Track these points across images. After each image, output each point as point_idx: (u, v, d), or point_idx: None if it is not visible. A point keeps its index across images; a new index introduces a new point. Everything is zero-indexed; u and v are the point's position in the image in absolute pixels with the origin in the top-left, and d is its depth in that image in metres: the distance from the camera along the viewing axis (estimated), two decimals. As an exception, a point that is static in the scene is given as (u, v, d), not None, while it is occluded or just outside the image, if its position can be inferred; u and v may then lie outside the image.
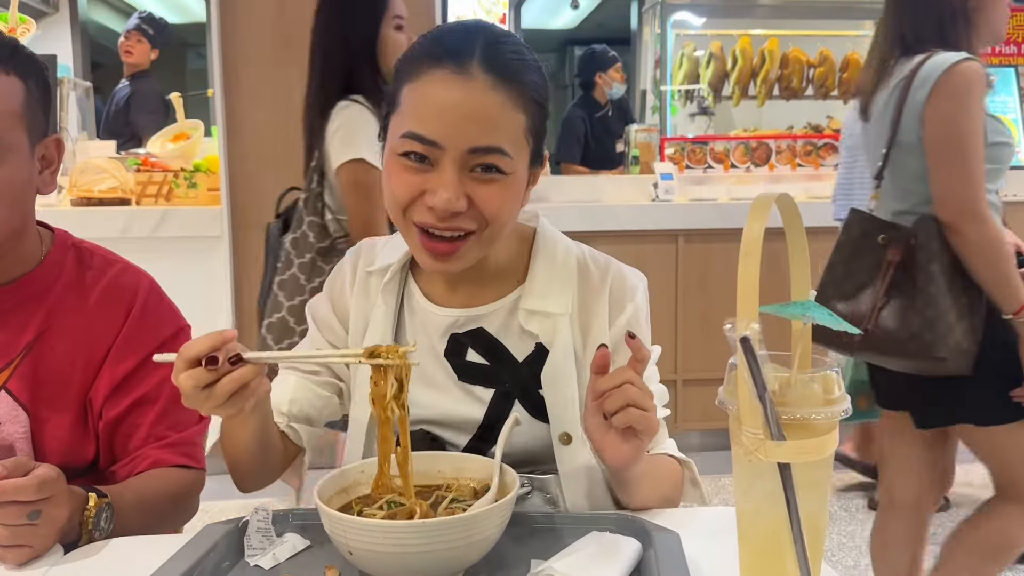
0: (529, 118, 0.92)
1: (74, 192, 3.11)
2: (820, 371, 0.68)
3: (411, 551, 0.74)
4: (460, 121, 0.88)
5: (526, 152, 0.94)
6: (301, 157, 2.28)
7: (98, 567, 0.87)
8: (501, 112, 0.89)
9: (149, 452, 1.11)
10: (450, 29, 0.94)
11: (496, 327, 1.02)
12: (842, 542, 2.71)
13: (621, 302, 1.03)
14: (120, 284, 1.14)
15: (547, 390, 0.99)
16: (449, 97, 0.88)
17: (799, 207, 0.70)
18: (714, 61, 4.22)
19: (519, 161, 0.92)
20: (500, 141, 0.89)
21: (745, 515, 0.71)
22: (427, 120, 0.88)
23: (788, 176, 3.86)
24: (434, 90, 0.88)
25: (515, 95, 0.90)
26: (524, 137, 0.92)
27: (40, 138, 1.07)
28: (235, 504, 2.85)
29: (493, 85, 0.88)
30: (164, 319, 1.15)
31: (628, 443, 0.85)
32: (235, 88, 3.16)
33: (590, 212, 3.39)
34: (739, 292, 0.65)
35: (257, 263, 3.19)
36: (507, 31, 0.97)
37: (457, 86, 0.87)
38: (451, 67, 0.88)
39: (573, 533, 0.85)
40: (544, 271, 1.02)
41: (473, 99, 0.87)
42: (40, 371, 1.08)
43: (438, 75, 0.88)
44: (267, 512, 0.90)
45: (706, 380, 3.37)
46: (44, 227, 1.15)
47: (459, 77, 0.87)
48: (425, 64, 0.89)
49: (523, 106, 0.91)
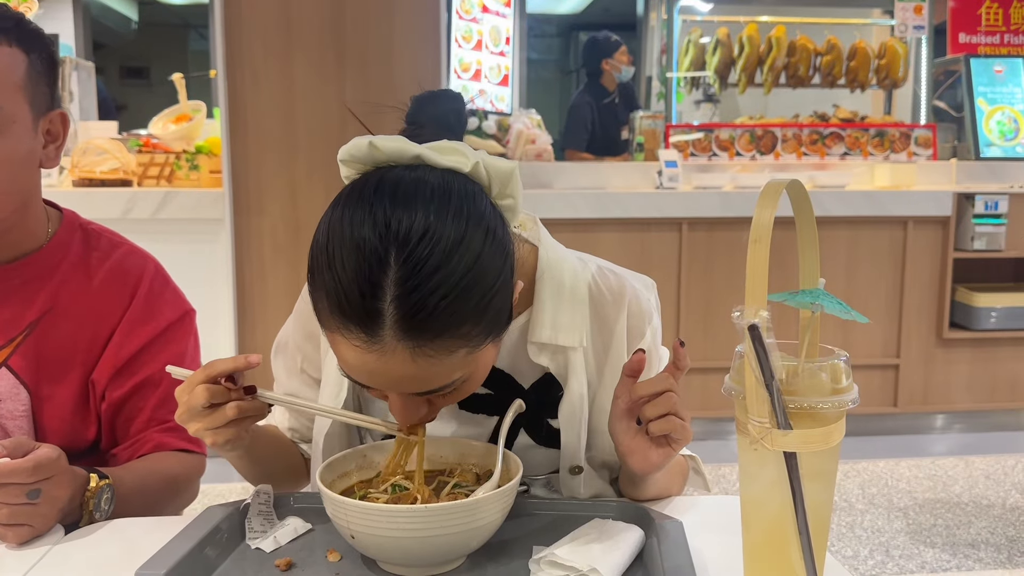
0: (477, 337, 0.74)
1: (75, 173, 3.10)
2: (828, 360, 0.68)
3: (413, 536, 0.73)
4: (389, 383, 0.75)
5: (487, 345, 0.76)
6: (303, 140, 2.26)
7: (99, 548, 0.87)
8: (434, 369, 0.72)
9: (151, 436, 1.11)
10: (352, 275, 0.70)
11: (502, 358, 0.95)
12: (841, 532, 2.71)
13: (640, 328, 0.98)
14: (126, 266, 1.13)
15: (564, 426, 0.95)
16: (368, 366, 0.72)
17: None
18: (721, 48, 4.20)
19: (479, 360, 0.77)
20: (444, 381, 0.75)
21: (750, 504, 0.70)
22: (355, 374, 0.76)
23: (793, 165, 3.85)
24: (350, 355, 0.73)
25: (445, 346, 0.71)
26: (481, 342, 0.75)
27: (44, 112, 1.06)
28: (236, 487, 2.86)
29: (414, 356, 0.70)
30: (169, 303, 1.15)
31: (659, 450, 0.84)
32: (238, 70, 3.14)
33: (595, 199, 3.38)
34: (748, 279, 0.64)
35: (259, 247, 3.20)
36: (428, 252, 0.70)
37: (373, 358, 0.71)
38: (361, 335, 0.70)
39: (575, 520, 0.84)
40: (551, 300, 0.93)
41: (395, 370, 0.72)
42: (43, 350, 1.08)
43: (350, 340, 0.72)
44: (268, 495, 0.89)
45: (707, 369, 3.37)
46: (52, 207, 1.15)
47: (373, 349, 0.71)
48: (333, 320, 0.72)
49: (461, 342, 0.72)
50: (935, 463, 3.27)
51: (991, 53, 4.19)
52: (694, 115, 4.61)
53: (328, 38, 3.18)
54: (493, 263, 0.74)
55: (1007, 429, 3.69)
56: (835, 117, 4.11)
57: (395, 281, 0.69)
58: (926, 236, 3.52)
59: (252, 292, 3.21)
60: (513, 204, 0.79)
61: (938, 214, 3.50)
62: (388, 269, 0.69)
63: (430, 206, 0.71)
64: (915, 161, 3.94)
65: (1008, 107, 4.05)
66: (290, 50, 3.16)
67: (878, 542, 2.60)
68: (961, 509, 2.84)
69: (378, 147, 0.75)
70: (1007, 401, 3.66)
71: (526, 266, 0.95)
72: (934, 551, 2.53)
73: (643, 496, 0.96)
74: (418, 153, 0.76)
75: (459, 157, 0.76)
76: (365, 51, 3.18)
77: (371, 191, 0.73)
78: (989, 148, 4.00)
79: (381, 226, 0.70)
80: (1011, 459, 3.29)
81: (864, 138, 3.95)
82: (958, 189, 3.57)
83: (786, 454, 0.64)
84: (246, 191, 3.16)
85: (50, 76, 1.07)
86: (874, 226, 3.47)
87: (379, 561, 0.79)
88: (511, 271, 0.77)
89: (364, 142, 0.75)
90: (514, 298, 0.80)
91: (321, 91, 3.16)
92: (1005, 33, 4.24)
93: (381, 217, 0.70)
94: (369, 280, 0.69)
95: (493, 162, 0.77)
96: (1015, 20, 4.23)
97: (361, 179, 0.76)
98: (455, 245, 0.71)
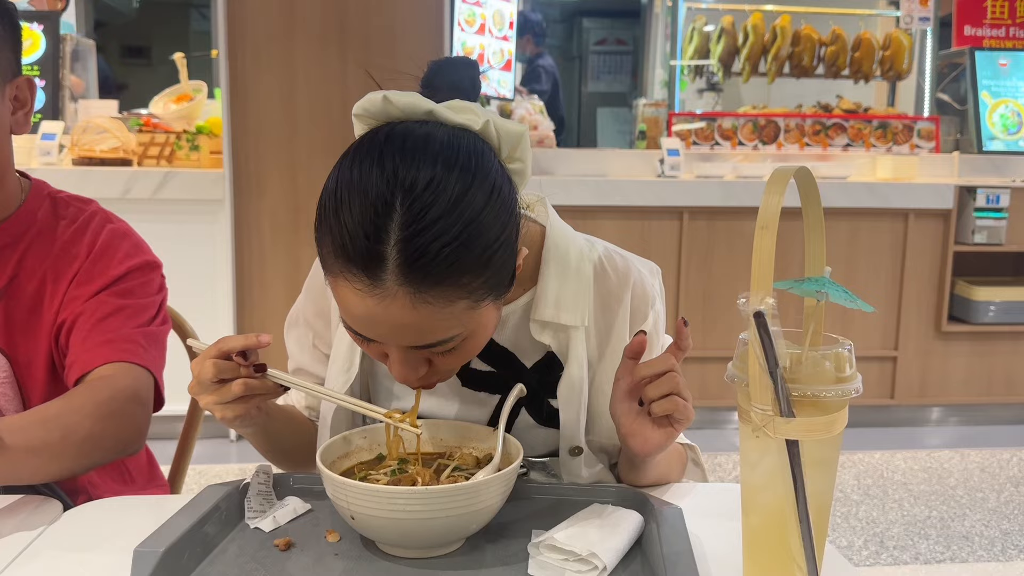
0: (475, 292, 0.75)
1: (75, 151, 3.08)
2: (832, 349, 0.67)
3: (413, 517, 0.73)
4: (389, 332, 0.75)
5: (486, 304, 0.77)
6: (304, 122, 2.25)
7: (97, 526, 0.87)
8: (432, 317, 0.73)
9: (86, 355, 1.03)
10: (358, 218, 0.72)
11: (506, 337, 0.97)
12: (837, 523, 2.72)
13: (643, 310, 0.99)
14: (87, 224, 1.14)
15: (563, 405, 0.95)
16: (370, 312, 0.73)
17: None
18: (725, 36, 4.17)
19: (478, 320, 0.77)
20: (444, 335, 0.76)
21: (750, 491, 0.70)
22: (356, 323, 0.76)
23: (796, 155, 3.84)
24: (352, 300, 0.74)
25: (444, 294, 0.73)
26: (475, 305, 0.76)
27: (10, 79, 1.06)
28: (233, 468, 2.86)
29: (414, 302, 0.72)
30: (128, 251, 1.13)
31: (661, 430, 0.84)
32: (240, 50, 3.12)
33: (595, 186, 3.37)
34: (754, 266, 0.64)
35: (258, 228, 3.19)
36: (433, 199, 0.71)
37: (374, 302, 0.72)
38: (363, 278, 0.72)
39: (574, 504, 0.84)
40: (556, 279, 0.94)
41: (396, 316, 0.73)
42: (14, 314, 1.09)
43: (352, 283, 0.73)
44: (268, 475, 0.89)
45: (706, 358, 3.38)
46: (23, 176, 1.15)
47: (374, 293, 0.72)
48: (337, 264, 0.74)
49: (459, 294, 0.74)
50: (931, 455, 3.28)
51: (996, 46, 4.17)
52: (697, 103, 4.59)
53: (330, 20, 3.16)
54: (497, 219, 0.75)
55: (1003, 423, 3.70)
56: (838, 108, 4.09)
57: (399, 225, 0.71)
58: (927, 229, 3.52)
59: (251, 272, 3.21)
60: (522, 168, 0.81)
61: (939, 207, 3.49)
62: (393, 213, 0.71)
63: (438, 158, 0.73)
64: (917, 153, 3.92)
65: (1012, 101, 4.03)
66: (292, 31, 3.14)
67: (873, 533, 2.61)
68: (956, 501, 2.85)
69: (392, 101, 0.77)
70: (1004, 395, 3.67)
71: (533, 244, 0.96)
72: (928, 543, 2.54)
73: (642, 481, 0.96)
74: (430, 109, 0.77)
75: (470, 115, 0.78)
76: (367, 33, 3.16)
77: (381, 141, 0.75)
78: (992, 142, 3.99)
79: (389, 173, 0.72)
80: (1006, 452, 3.31)
81: (867, 129, 3.94)
82: (960, 182, 3.56)
83: (788, 442, 0.64)
84: (246, 172, 3.15)
85: (13, 42, 1.06)
86: (875, 218, 3.47)
87: (378, 542, 0.79)
88: (515, 232, 0.78)
89: (378, 96, 0.78)
90: (518, 263, 0.81)
91: (323, 73, 3.14)
92: (1011, 26, 4.22)
93: (390, 166, 0.72)
94: (374, 223, 0.71)
95: (504, 123, 0.79)
96: (1021, 13, 4.21)
97: (372, 132, 0.78)
98: (460, 196, 0.72)
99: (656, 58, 4.92)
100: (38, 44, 3.43)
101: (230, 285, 3.16)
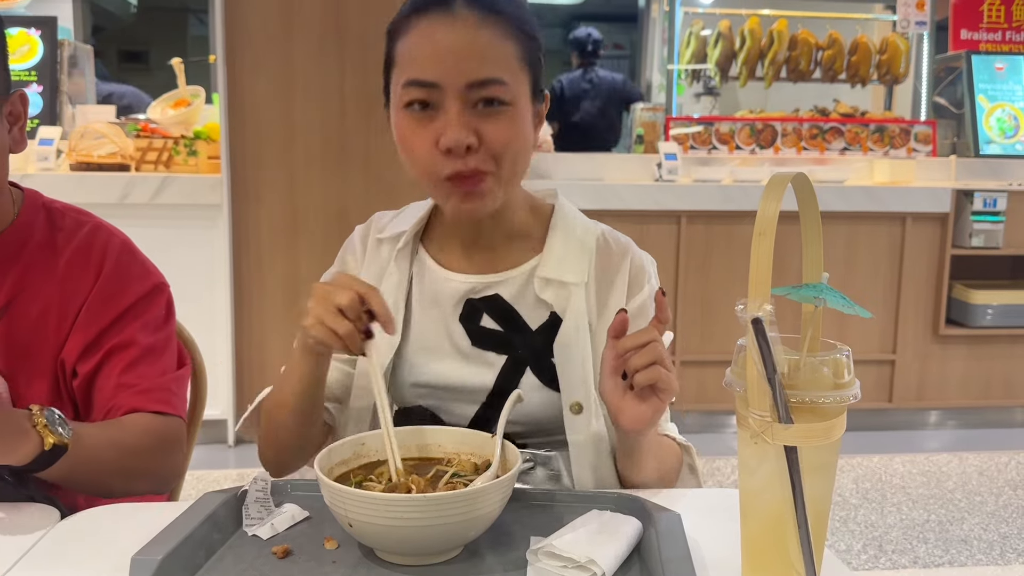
0: (520, 47, 0.95)
1: (73, 156, 3.08)
2: (830, 355, 0.67)
3: (411, 525, 0.73)
4: (453, 59, 0.91)
5: (524, 82, 0.96)
6: (302, 127, 2.25)
7: (93, 535, 0.87)
8: (490, 44, 0.93)
9: (123, 401, 1.05)
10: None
11: (511, 295, 1.04)
12: (835, 527, 2.72)
13: (640, 281, 1.06)
14: (91, 244, 1.11)
15: (559, 359, 1.00)
16: (438, 39, 0.92)
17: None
18: (722, 41, 4.18)
19: (518, 89, 0.95)
20: (495, 72, 0.92)
21: (749, 496, 0.70)
22: (422, 64, 0.92)
23: (793, 159, 3.84)
24: (423, 36, 0.93)
25: (502, 27, 0.94)
26: (519, 65, 0.95)
27: (5, 95, 1.02)
28: (231, 474, 2.86)
29: (477, 22, 0.92)
30: (137, 276, 1.12)
31: (646, 404, 0.86)
32: (238, 56, 3.12)
33: (593, 190, 3.37)
34: (752, 272, 0.64)
35: (256, 233, 3.18)
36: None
37: (444, 27, 0.92)
38: (436, 12, 0.93)
39: (573, 511, 0.84)
40: (561, 242, 1.05)
41: (461, 36, 0.92)
42: (15, 335, 1.06)
43: (425, 22, 0.93)
44: (266, 482, 0.89)
45: (704, 362, 3.38)
46: (14, 187, 1.12)
47: (445, 19, 0.92)
48: (412, 17, 0.94)
49: (512, 35, 0.94)
50: (929, 459, 3.28)
51: (992, 50, 4.19)
52: (694, 108, 4.59)
53: (329, 26, 3.16)
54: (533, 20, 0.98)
55: (1001, 426, 3.71)
56: (835, 112, 4.10)
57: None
58: (924, 232, 3.52)
59: (249, 277, 3.20)
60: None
61: (937, 210, 3.50)
62: None
63: None
64: (914, 157, 3.93)
65: (1008, 104, 4.04)
66: (290, 36, 3.15)
67: (871, 537, 2.61)
68: (954, 505, 2.85)
69: None
70: (1001, 398, 3.67)
71: (542, 216, 1.08)
72: (927, 547, 2.54)
73: (640, 471, 0.96)
74: None
75: None
76: (365, 38, 3.16)
77: None
78: (989, 145, 4.00)
79: None
80: (1004, 456, 3.31)
81: (864, 133, 3.94)
82: (957, 186, 3.57)
83: (787, 448, 0.64)
84: (244, 177, 3.15)
85: (1, 57, 1.03)
86: (872, 222, 3.47)
87: (376, 549, 0.79)
88: (542, 62, 0.99)
89: None
90: (542, 107, 1.01)
91: (321, 78, 3.14)
92: (1007, 30, 4.23)
93: None
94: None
95: None
96: (1017, 17, 4.22)
97: None
98: None
99: (653, 63, 4.93)
100: (35, 49, 3.44)
101: (228, 290, 3.15)
